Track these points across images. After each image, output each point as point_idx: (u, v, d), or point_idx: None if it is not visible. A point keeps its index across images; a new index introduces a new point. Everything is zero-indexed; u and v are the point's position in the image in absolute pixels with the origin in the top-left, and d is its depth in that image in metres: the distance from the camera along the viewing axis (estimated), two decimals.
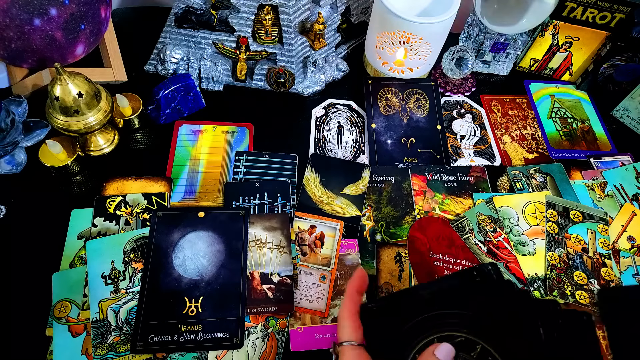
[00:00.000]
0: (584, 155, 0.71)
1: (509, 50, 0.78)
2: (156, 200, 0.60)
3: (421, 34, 0.66)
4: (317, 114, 0.74)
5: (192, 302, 0.52)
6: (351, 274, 0.57)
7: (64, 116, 0.58)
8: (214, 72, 0.73)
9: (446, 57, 0.76)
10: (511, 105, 0.78)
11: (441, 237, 0.61)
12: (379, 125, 0.72)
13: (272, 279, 0.55)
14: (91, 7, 0.63)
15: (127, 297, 0.52)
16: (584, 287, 0.57)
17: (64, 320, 0.51)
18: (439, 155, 0.69)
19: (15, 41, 0.59)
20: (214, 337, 0.50)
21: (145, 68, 0.76)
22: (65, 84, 0.55)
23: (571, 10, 0.71)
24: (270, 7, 0.68)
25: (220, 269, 0.54)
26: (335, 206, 0.63)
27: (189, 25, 0.73)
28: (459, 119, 0.75)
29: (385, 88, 0.76)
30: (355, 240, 0.60)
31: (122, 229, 0.57)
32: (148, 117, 0.69)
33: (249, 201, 0.61)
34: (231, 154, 0.67)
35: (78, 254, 0.56)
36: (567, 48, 0.77)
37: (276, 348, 0.52)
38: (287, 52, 0.72)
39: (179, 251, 0.55)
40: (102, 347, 0.49)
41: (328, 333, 0.53)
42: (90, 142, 0.64)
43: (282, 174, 0.65)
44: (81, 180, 0.63)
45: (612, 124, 0.76)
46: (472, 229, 0.61)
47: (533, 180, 0.66)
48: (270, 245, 0.57)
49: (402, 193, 0.65)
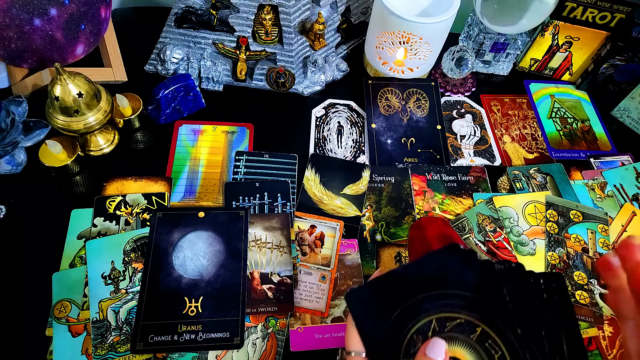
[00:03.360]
0: (584, 155, 0.71)
1: (509, 50, 0.78)
2: (156, 200, 0.60)
3: (421, 34, 0.66)
4: (317, 114, 0.74)
5: (192, 302, 0.52)
6: (351, 274, 0.57)
7: (64, 116, 0.58)
8: (214, 72, 0.73)
9: (446, 57, 0.76)
10: (511, 105, 0.78)
11: (441, 237, 0.61)
12: (379, 125, 0.72)
13: (272, 279, 0.55)
14: (91, 7, 0.63)
15: (127, 297, 0.52)
16: (584, 287, 0.57)
17: (64, 320, 0.51)
18: (439, 155, 0.69)
19: (15, 41, 0.59)
20: (214, 337, 0.50)
21: (145, 68, 0.76)
22: (65, 84, 0.55)
23: (571, 10, 0.71)
24: (270, 7, 0.68)
25: (220, 269, 0.54)
26: (335, 206, 0.63)
27: (189, 25, 0.73)
28: (459, 119, 0.75)
29: (385, 88, 0.76)
30: (355, 240, 0.60)
31: (122, 229, 0.57)
32: (148, 117, 0.69)
33: (249, 201, 0.61)
34: (231, 154, 0.67)
35: (78, 254, 0.56)
36: (567, 48, 0.77)
37: (276, 348, 0.52)
38: (287, 52, 0.72)
39: (179, 251, 0.55)
40: (102, 347, 0.49)
41: (328, 333, 0.53)
42: (90, 142, 0.64)
43: (282, 174, 0.65)
44: (81, 180, 0.63)
45: (612, 124, 0.76)
46: (472, 229, 0.61)
47: (533, 180, 0.66)
48: (270, 245, 0.57)
49: (402, 193, 0.65)
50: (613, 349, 0.53)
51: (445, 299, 0.34)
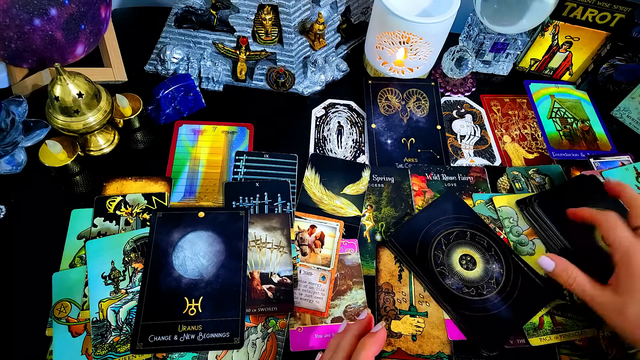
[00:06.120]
0: (584, 156, 0.71)
1: (509, 50, 0.78)
2: (156, 200, 0.60)
3: (421, 34, 0.66)
4: (317, 114, 0.74)
5: (192, 302, 0.52)
6: (351, 274, 0.57)
7: (64, 116, 0.58)
8: (214, 72, 0.73)
9: (446, 57, 0.76)
10: (511, 105, 0.78)
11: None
12: (379, 125, 0.72)
13: (272, 279, 0.55)
14: (91, 7, 0.63)
15: (127, 297, 0.52)
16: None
17: (64, 320, 0.51)
18: (439, 156, 0.69)
19: (15, 41, 0.59)
20: (214, 337, 0.50)
21: (145, 68, 0.76)
22: (65, 84, 0.55)
23: (571, 10, 0.71)
24: (270, 7, 0.68)
25: (220, 269, 0.54)
26: (335, 206, 0.63)
27: (189, 25, 0.73)
28: (459, 119, 0.75)
29: (385, 88, 0.76)
30: (355, 240, 0.60)
31: (122, 229, 0.58)
32: (148, 117, 0.69)
33: (249, 201, 0.61)
34: (231, 154, 0.67)
35: (78, 254, 0.56)
36: (567, 48, 0.77)
37: (276, 348, 0.52)
38: (287, 52, 0.72)
39: (179, 251, 0.55)
40: (102, 347, 0.49)
41: (328, 333, 0.53)
42: (90, 142, 0.64)
43: (282, 174, 0.65)
44: (81, 180, 0.63)
45: (612, 124, 0.76)
46: None
47: (532, 180, 0.66)
48: (270, 245, 0.57)
49: (402, 193, 0.65)
50: (613, 349, 0.53)
51: (441, 223, 0.60)
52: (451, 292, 0.54)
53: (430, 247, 0.57)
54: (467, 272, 0.56)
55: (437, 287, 0.54)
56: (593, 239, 0.57)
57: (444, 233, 0.58)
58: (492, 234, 0.59)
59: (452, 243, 0.58)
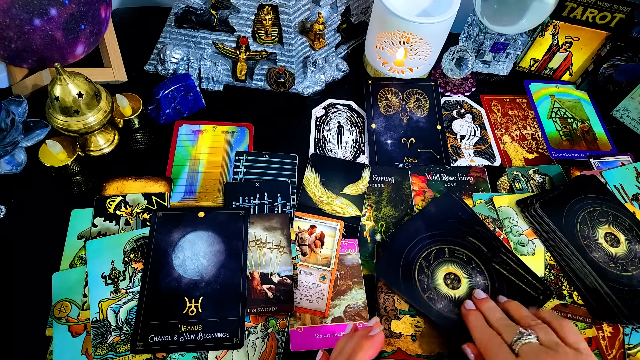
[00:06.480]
0: (584, 156, 0.71)
1: (509, 50, 0.78)
2: (156, 200, 0.60)
3: (421, 34, 0.66)
4: (317, 114, 0.74)
5: (192, 302, 0.52)
6: (351, 274, 0.57)
7: (64, 116, 0.58)
8: (214, 72, 0.73)
9: (446, 57, 0.76)
10: (511, 105, 0.78)
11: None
12: (379, 125, 0.72)
13: (272, 279, 0.55)
14: (91, 7, 0.63)
15: (127, 297, 0.52)
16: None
17: (64, 320, 0.51)
18: (439, 156, 0.69)
19: (15, 41, 0.59)
20: (214, 337, 0.50)
21: (145, 68, 0.76)
22: (65, 84, 0.55)
23: (571, 10, 0.71)
24: (270, 7, 0.68)
25: (220, 269, 0.54)
26: (335, 206, 0.63)
27: (189, 25, 0.73)
28: (459, 119, 0.75)
29: (385, 88, 0.76)
30: (355, 240, 0.60)
31: (122, 229, 0.58)
32: (148, 117, 0.69)
33: (249, 201, 0.61)
34: (231, 154, 0.67)
35: (78, 254, 0.56)
36: (567, 48, 0.77)
37: (276, 348, 0.52)
38: (287, 52, 0.72)
39: (179, 251, 0.55)
40: (102, 347, 0.49)
41: (328, 333, 0.53)
42: (90, 142, 0.64)
43: (282, 174, 0.65)
44: (81, 180, 0.63)
45: (612, 124, 0.76)
46: None
47: (532, 180, 0.66)
48: (270, 245, 0.57)
49: (402, 193, 0.65)
50: (613, 349, 0.53)
51: (417, 245, 0.58)
52: (444, 316, 0.53)
53: (413, 274, 0.55)
54: (453, 292, 0.54)
55: (433, 315, 0.53)
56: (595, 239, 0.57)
57: (424, 254, 0.56)
58: (466, 243, 0.57)
59: (433, 264, 0.56)
